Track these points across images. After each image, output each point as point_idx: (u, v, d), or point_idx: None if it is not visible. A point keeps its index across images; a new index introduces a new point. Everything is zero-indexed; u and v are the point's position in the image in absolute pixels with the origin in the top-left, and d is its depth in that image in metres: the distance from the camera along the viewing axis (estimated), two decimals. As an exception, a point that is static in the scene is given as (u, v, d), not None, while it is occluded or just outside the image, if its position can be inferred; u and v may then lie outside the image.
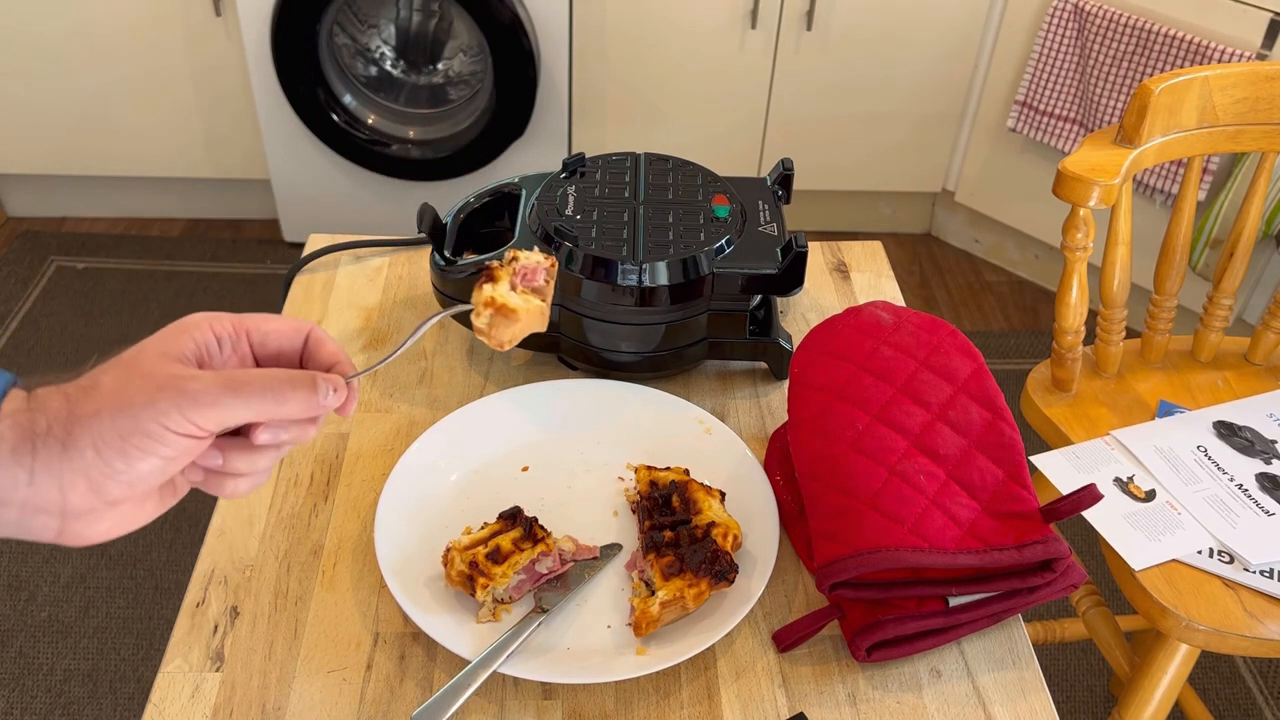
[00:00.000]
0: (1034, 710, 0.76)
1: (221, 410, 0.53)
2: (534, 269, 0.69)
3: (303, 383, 0.55)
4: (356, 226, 2.56)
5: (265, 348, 0.58)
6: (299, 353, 0.60)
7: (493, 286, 0.67)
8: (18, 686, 1.69)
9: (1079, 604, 1.38)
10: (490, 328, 0.66)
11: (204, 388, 0.52)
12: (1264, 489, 1.22)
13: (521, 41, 2.24)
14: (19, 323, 2.38)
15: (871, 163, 2.65)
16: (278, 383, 0.54)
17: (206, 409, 0.52)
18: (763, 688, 0.77)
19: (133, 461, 0.51)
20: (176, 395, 0.51)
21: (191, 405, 0.52)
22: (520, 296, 0.67)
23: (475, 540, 0.80)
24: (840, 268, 1.18)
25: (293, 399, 0.55)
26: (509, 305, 0.66)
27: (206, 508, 0.88)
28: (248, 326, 0.57)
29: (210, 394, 0.52)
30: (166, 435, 0.51)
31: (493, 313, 0.66)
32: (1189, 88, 1.27)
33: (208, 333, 0.56)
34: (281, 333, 0.59)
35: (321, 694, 0.75)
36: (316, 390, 0.56)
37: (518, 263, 0.69)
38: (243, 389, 0.53)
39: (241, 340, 0.57)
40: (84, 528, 0.53)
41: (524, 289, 0.68)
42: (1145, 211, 2.30)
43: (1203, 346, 1.44)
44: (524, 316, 0.66)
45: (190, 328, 0.55)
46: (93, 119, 2.53)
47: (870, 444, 0.81)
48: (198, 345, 0.55)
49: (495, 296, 0.66)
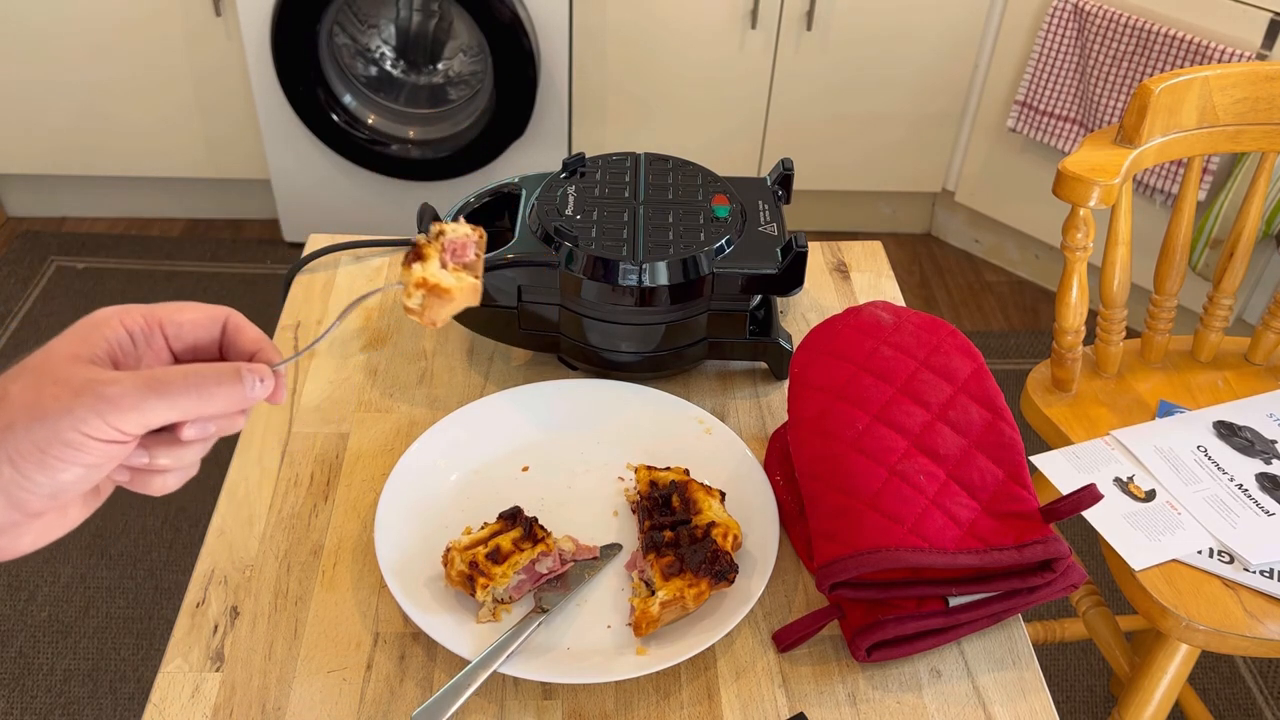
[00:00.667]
0: (1034, 710, 0.76)
1: (144, 413, 0.50)
2: (463, 243, 0.65)
3: (227, 376, 0.52)
4: (356, 226, 2.56)
5: (181, 340, 0.55)
6: (217, 342, 0.57)
7: (423, 266, 0.63)
8: (18, 686, 1.69)
9: (1079, 604, 1.38)
10: (423, 308, 0.63)
11: (124, 391, 0.49)
12: (1264, 489, 1.22)
13: (521, 41, 2.24)
14: (19, 323, 2.38)
15: (871, 163, 2.65)
16: (201, 379, 0.51)
17: (128, 413, 0.49)
18: (763, 688, 0.77)
19: (54, 473, 0.49)
20: (95, 400, 0.48)
21: (112, 410, 0.49)
22: (452, 274, 0.64)
23: (475, 540, 0.80)
24: (840, 268, 1.18)
25: (218, 394, 0.52)
26: (441, 285, 0.63)
27: (206, 508, 0.88)
28: (160, 319, 0.54)
29: (131, 397, 0.49)
30: (88, 443, 0.49)
31: (425, 293, 0.63)
32: (1189, 88, 1.27)
33: (119, 329, 0.53)
34: (197, 323, 0.56)
35: (321, 694, 0.75)
36: (242, 382, 0.53)
37: (445, 237, 0.65)
38: (165, 389, 0.50)
39: (155, 334, 0.54)
40: (8, 543, 0.51)
41: (455, 265, 0.64)
42: (1145, 211, 2.30)
43: (1203, 346, 1.44)
44: (457, 295, 0.63)
45: (100, 325, 0.52)
46: (93, 119, 2.53)
47: (870, 444, 0.81)
48: (110, 343, 0.52)
49: (427, 276, 0.63)
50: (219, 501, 0.89)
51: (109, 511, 1.95)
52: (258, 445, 0.94)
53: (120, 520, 1.95)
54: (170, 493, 0.56)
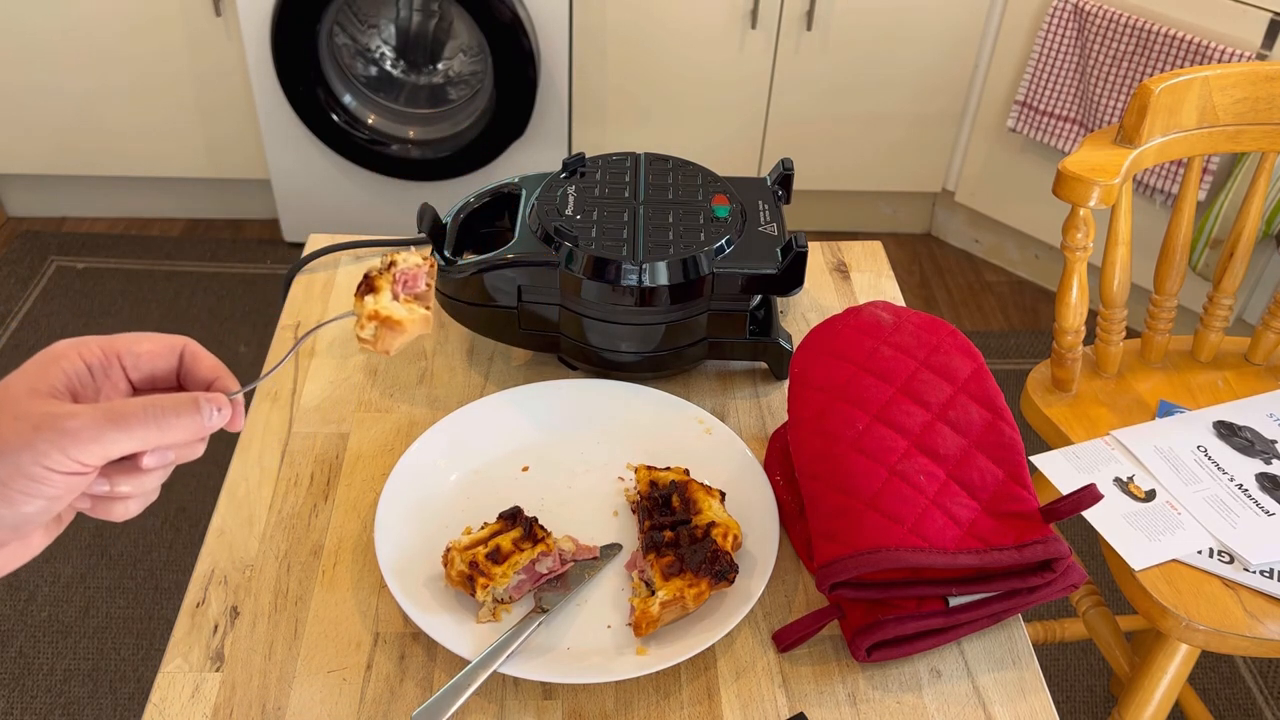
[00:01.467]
0: (1034, 710, 0.77)
1: (104, 445, 0.51)
2: (414, 274, 0.66)
3: (185, 407, 0.54)
4: (356, 226, 2.56)
5: (139, 370, 0.56)
6: (174, 371, 0.58)
7: (375, 298, 0.65)
8: (18, 686, 1.69)
9: (1079, 604, 1.38)
10: (375, 340, 0.64)
11: (83, 424, 0.50)
12: (1264, 489, 1.22)
13: (521, 41, 2.24)
14: (19, 323, 2.38)
15: (871, 163, 2.65)
16: (160, 410, 0.53)
17: (88, 445, 0.50)
18: (763, 688, 0.77)
19: (16, 506, 0.50)
20: (55, 435, 0.49)
21: (72, 444, 0.50)
22: (404, 306, 0.65)
23: (475, 540, 0.80)
24: (840, 268, 1.18)
25: (177, 425, 0.53)
26: (394, 317, 0.64)
27: (206, 508, 0.88)
28: (118, 350, 0.55)
29: (90, 430, 0.50)
30: (50, 476, 0.50)
31: (378, 325, 0.64)
32: (1189, 88, 1.27)
33: (77, 361, 0.54)
34: (155, 353, 0.57)
35: (321, 694, 0.75)
36: (200, 412, 0.54)
37: (396, 268, 0.66)
38: (124, 421, 0.51)
39: (113, 365, 0.55)
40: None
41: (406, 296, 0.65)
42: (1145, 211, 2.30)
43: (1203, 346, 1.44)
44: (409, 326, 0.64)
45: (58, 358, 0.53)
46: (93, 119, 2.53)
47: (870, 444, 0.81)
48: (68, 376, 0.53)
49: (379, 309, 0.64)
50: (219, 501, 0.89)
51: (109, 511, 1.95)
52: (258, 445, 0.94)
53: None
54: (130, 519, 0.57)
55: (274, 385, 1.00)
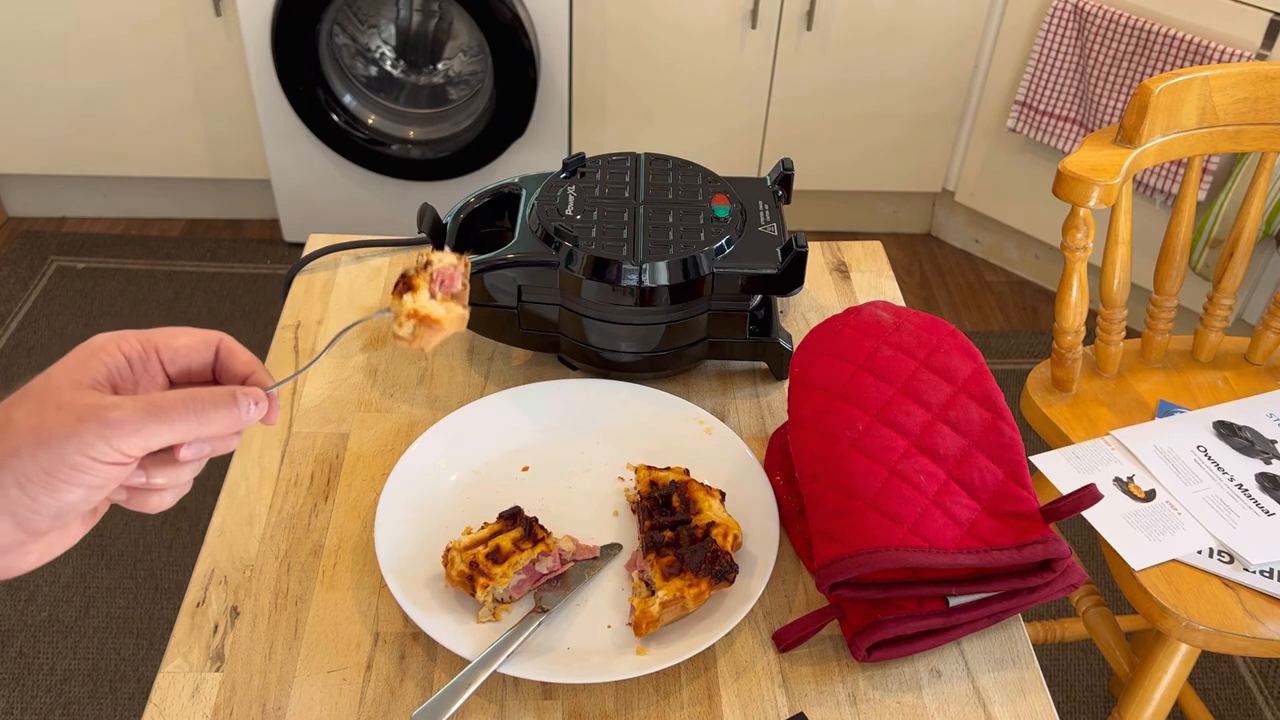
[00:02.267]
0: (1034, 710, 0.77)
1: (145, 436, 0.52)
2: (451, 274, 0.68)
3: (224, 400, 0.55)
4: (356, 226, 2.56)
5: (176, 364, 0.58)
6: (210, 366, 0.59)
7: (413, 297, 0.66)
8: (18, 686, 1.69)
9: (1079, 604, 1.38)
10: (414, 338, 0.66)
11: (126, 415, 0.51)
12: (1264, 489, 1.22)
13: (521, 41, 2.24)
14: (19, 323, 2.38)
15: (871, 163, 2.65)
16: (199, 404, 0.54)
17: (130, 436, 0.51)
18: (763, 688, 0.77)
19: (60, 495, 0.51)
20: (99, 425, 0.51)
21: (115, 434, 0.51)
22: (441, 304, 0.66)
23: (475, 540, 0.80)
24: (840, 268, 1.18)
25: (215, 418, 0.55)
26: (432, 316, 0.65)
27: (206, 507, 0.88)
28: (156, 344, 0.57)
29: (133, 421, 0.51)
30: (93, 466, 0.51)
31: (416, 323, 0.65)
32: (1189, 88, 1.27)
33: (116, 355, 0.55)
34: (191, 348, 0.58)
35: (321, 694, 0.75)
36: (238, 406, 0.56)
37: (433, 267, 0.67)
38: (165, 413, 0.53)
39: (151, 359, 0.57)
40: (12, 562, 0.53)
41: (443, 295, 0.67)
42: (1145, 211, 2.30)
43: (1203, 346, 1.44)
44: (447, 324, 0.66)
45: (98, 351, 0.55)
46: (93, 119, 2.53)
47: (870, 444, 0.81)
48: (108, 369, 0.54)
49: (418, 308, 0.65)
50: (219, 501, 0.89)
51: (109, 512, 1.95)
52: (258, 445, 0.94)
53: (120, 520, 1.95)
54: (165, 509, 0.58)
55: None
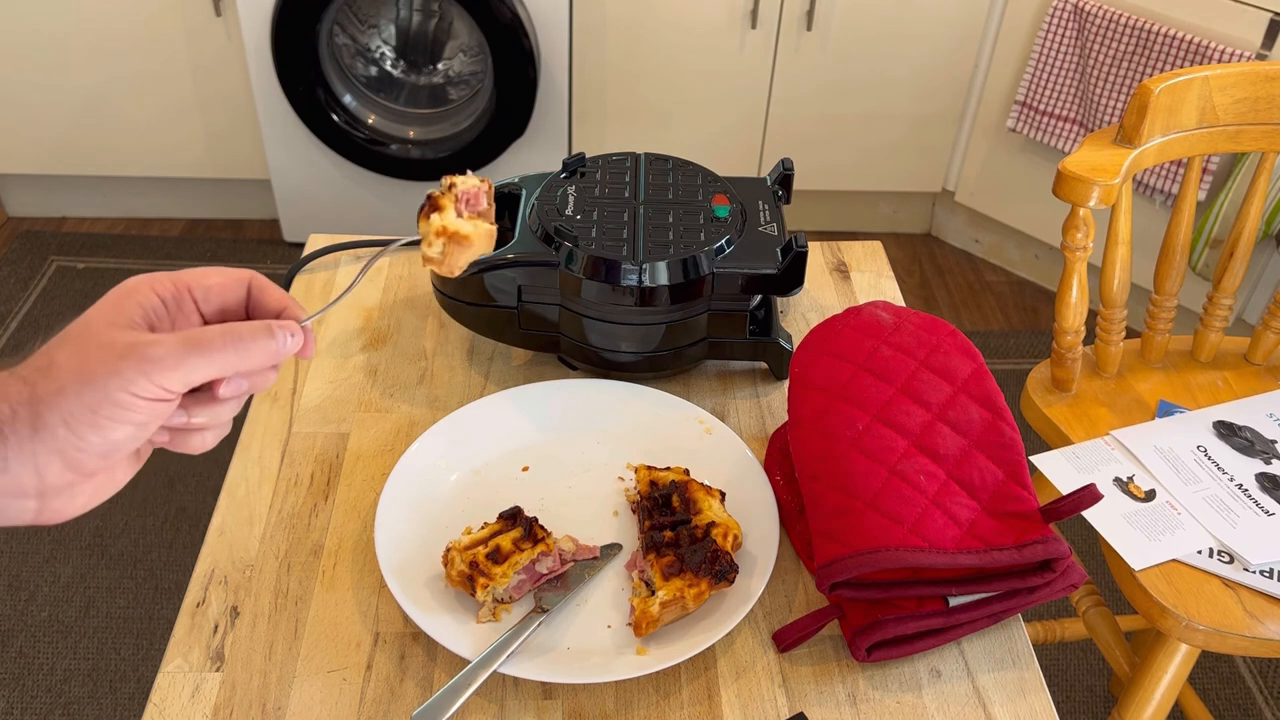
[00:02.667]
0: (1034, 710, 0.77)
1: (186, 370, 0.53)
2: (475, 193, 0.68)
3: (261, 332, 0.56)
4: (356, 226, 2.56)
5: (209, 303, 0.58)
6: (243, 304, 0.59)
7: (440, 215, 0.65)
8: (18, 686, 1.69)
9: (1079, 604, 1.38)
10: (444, 256, 0.65)
11: (166, 351, 0.52)
12: (1264, 489, 1.22)
13: (521, 41, 2.24)
14: (19, 323, 2.38)
15: (871, 163, 2.65)
16: (237, 336, 0.55)
17: (171, 371, 0.52)
18: (763, 688, 0.77)
19: (106, 432, 0.52)
20: (140, 361, 0.51)
21: (156, 369, 0.52)
22: (469, 221, 0.66)
23: (475, 540, 0.80)
24: (840, 268, 1.18)
25: (254, 349, 0.55)
26: (461, 232, 0.65)
27: (206, 507, 0.88)
28: (188, 283, 0.57)
29: (173, 356, 0.52)
30: (136, 402, 0.52)
31: (445, 241, 0.65)
32: (1189, 88, 1.27)
33: (151, 295, 0.56)
34: (224, 285, 0.58)
35: (321, 694, 0.75)
36: (275, 337, 0.56)
37: (458, 188, 0.67)
38: (204, 347, 0.53)
39: (185, 298, 0.57)
40: (63, 504, 0.53)
41: (470, 214, 0.67)
42: (1145, 211, 2.30)
43: (1203, 346, 1.44)
44: (476, 241, 0.65)
45: (133, 292, 0.55)
46: (93, 119, 2.53)
47: (870, 444, 0.81)
48: (144, 309, 0.55)
49: (447, 225, 0.65)
50: (219, 501, 0.89)
51: (109, 511, 1.95)
52: (258, 445, 0.94)
53: (120, 520, 1.95)
54: (208, 450, 0.59)
55: (274, 385, 1.00)
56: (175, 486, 2.00)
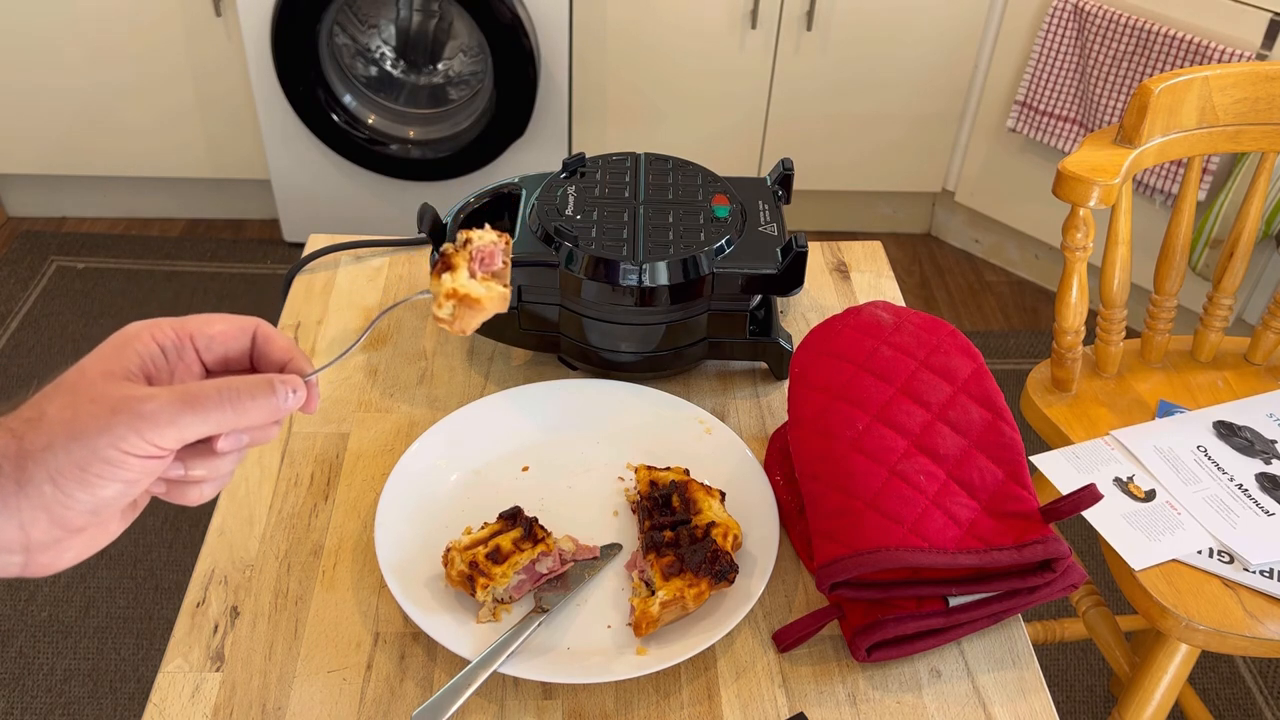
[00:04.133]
0: (1034, 710, 0.77)
1: (180, 428, 0.51)
2: (491, 251, 0.65)
3: (261, 389, 0.53)
4: (356, 226, 2.56)
5: (212, 352, 0.56)
6: (247, 353, 0.57)
7: (452, 276, 0.63)
8: (18, 686, 1.69)
9: (1079, 604, 1.38)
10: (454, 319, 0.63)
11: (159, 407, 0.50)
12: (1264, 489, 1.22)
13: (521, 41, 2.24)
14: (19, 323, 2.38)
15: (871, 163, 2.65)
16: (235, 393, 0.52)
17: (164, 429, 0.50)
18: (763, 688, 0.77)
19: (95, 490, 0.50)
20: (132, 418, 0.49)
21: (149, 427, 0.50)
22: (482, 284, 0.64)
23: (475, 540, 0.80)
24: (840, 268, 1.18)
25: (252, 407, 0.53)
26: (472, 296, 0.63)
27: (207, 507, 0.88)
28: (191, 331, 0.55)
29: (167, 413, 0.50)
30: (127, 460, 0.50)
31: (455, 304, 0.63)
32: (1189, 88, 1.27)
33: (150, 344, 0.54)
34: (228, 334, 0.56)
35: (321, 694, 0.75)
36: (275, 394, 0.54)
37: (473, 245, 0.65)
38: (200, 404, 0.51)
39: (186, 347, 0.55)
40: (51, 559, 0.52)
41: (483, 274, 0.64)
42: (1145, 211, 2.30)
43: (1203, 346, 1.44)
44: (487, 304, 0.63)
45: (132, 340, 0.53)
46: (93, 119, 2.53)
47: (870, 444, 0.81)
48: (142, 358, 0.53)
49: (458, 288, 0.63)
50: (219, 501, 0.89)
51: (109, 511, 1.95)
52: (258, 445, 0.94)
53: (120, 520, 1.95)
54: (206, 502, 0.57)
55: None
56: (175, 486, 2.00)
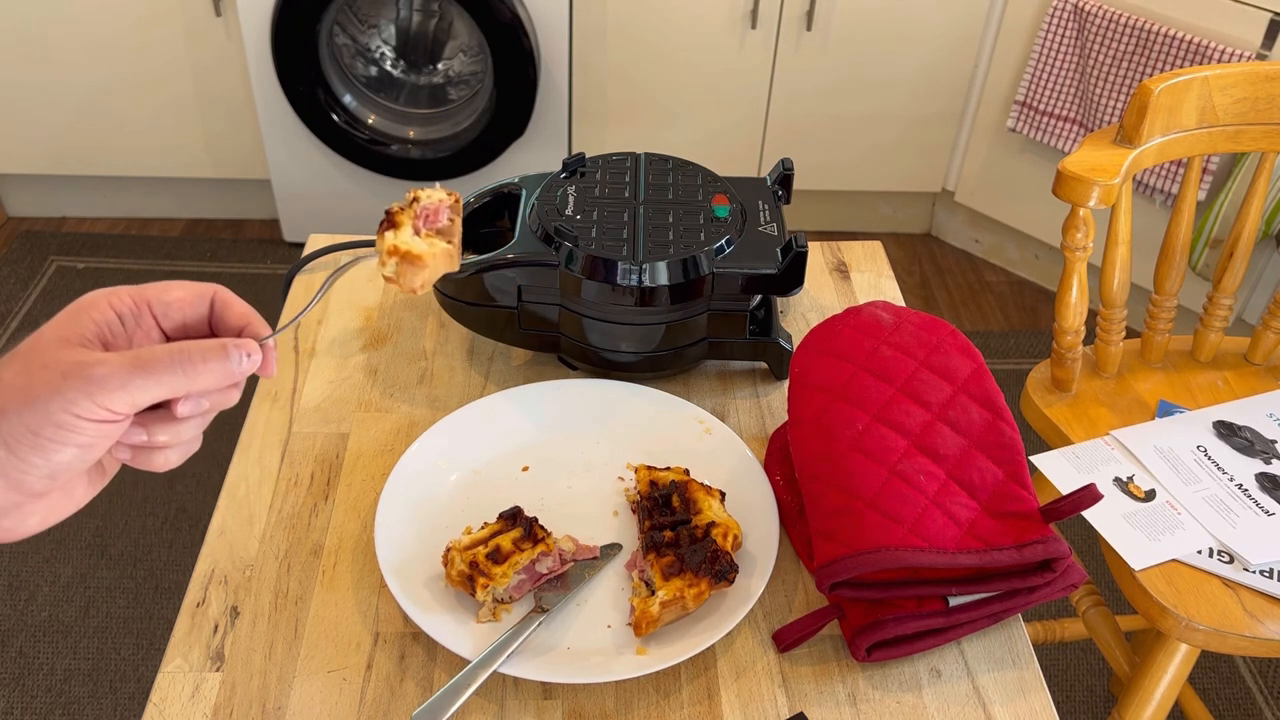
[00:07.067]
0: (1034, 710, 0.77)
1: (131, 392, 0.51)
2: (435, 209, 0.65)
3: (213, 353, 0.53)
4: (356, 226, 2.56)
5: (170, 318, 0.56)
6: (206, 319, 0.57)
7: (395, 234, 0.63)
8: (18, 686, 1.69)
9: (1079, 604, 1.38)
10: (398, 276, 0.63)
11: (110, 371, 0.50)
12: (1264, 489, 1.22)
13: (521, 41, 2.24)
14: (19, 323, 2.38)
15: (871, 163, 2.65)
16: (186, 357, 0.52)
17: (115, 392, 0.50)
18: (763, 688, 0.77)
19: (49, 454, 0.50)
20: (82, 382, 0.50)
21: (99, 390, 0.50)
22: (425, 240, 0.64)
23: (475, 540, 0.80)
24: (840, 268, 1.18)
25: (205, 371, 0.53)
26: (414, 251, 0.63)
27: (206, 508, 0.88)
28: (148, 298, 0.55)
29: (118, 377, 0.50)
30: (79, 423, 0.50)
31: (398, 261, 0.63)
32: (1189, 88, 1.27)
33: (107, 311, 0.54)
34: (185, 300, 0.56)
35: (321, 694, 0.75)
36: (229, 358, 0.54)
37: (418, 204, 0.64)
38: (151, 367, 0.51)
39: (144, 314, 0.55)
40: (14, 524, 0.52)
41: (428, 232, 0.64)
42: (1145, 211, 2.30)
43: (1202, 346, 1.44)
44: (430, 262, 0.63)
45: (88, 307, 0.53)
46: (93, 119, 2.53)
47: (870, 444, 0.81)
48: (98, 325, 0.53)
49: (398, 244, 0.63)
50: (219, 501, 0.89)
51: (109, 511, 1.95)
52: (258, 445, 0.94)
53: (120, 520, 1.95)
54: (173, 468, 0.57)
55: (274, 385, 1.00)
56: (175, 486, 2.00)
